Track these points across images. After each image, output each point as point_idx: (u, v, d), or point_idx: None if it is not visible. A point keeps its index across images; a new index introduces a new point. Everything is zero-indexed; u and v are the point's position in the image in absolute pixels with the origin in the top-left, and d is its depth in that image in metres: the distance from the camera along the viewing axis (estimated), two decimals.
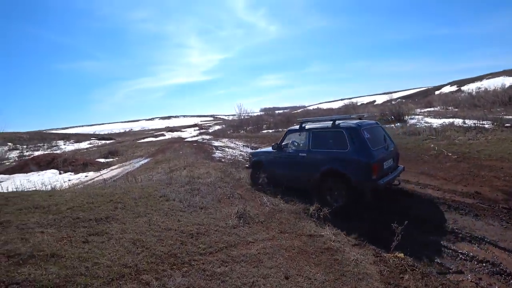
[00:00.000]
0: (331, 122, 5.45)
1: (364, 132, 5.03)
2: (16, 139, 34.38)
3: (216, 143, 20.55)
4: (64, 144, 36.05)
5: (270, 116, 38.33)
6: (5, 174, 19.88)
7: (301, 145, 5.98)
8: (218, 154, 14.85)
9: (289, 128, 6.50)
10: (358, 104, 41.87)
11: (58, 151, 30.75)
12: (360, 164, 4.78)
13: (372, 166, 4.67)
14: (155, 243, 3.55)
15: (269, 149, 6.66)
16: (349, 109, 32.37)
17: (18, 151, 31.65)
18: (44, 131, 51.47)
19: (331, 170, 5.15)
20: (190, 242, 3.72)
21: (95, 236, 3.61)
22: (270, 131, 28.67)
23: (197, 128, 53.56)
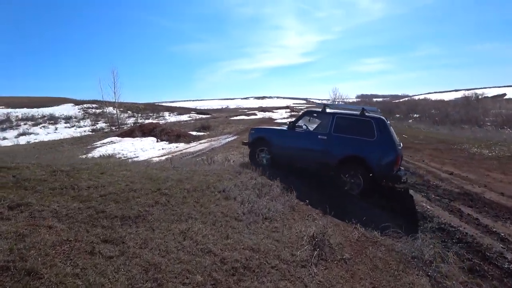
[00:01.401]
0: (360, 110, 5.55)
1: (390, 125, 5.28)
2: (134, 108, 40.08)
3: None
4: (169, 116, 40.30)
5: (367, 104, 34.05)
6: (118, 137, 22.97)
7: (320, 128, 6.01)
8: None
9: (308, 109, 6.49)
10: (482, 96, 32.81)
11: (163, 121, 34.50)
12: (386, 154, 5.03)
13: (397, 158, 4.95)
14: (174, 278, 2.30)
15: (277, 127, 6.79)
16: (472, 103, 25.46)
17: (134, 118, 36.64)
18: (155, 103, 59.20)
19: (352, 157, 5.28)
20: (227, 286, 2.34)
21: (107, 244, 2.60)
22: None
23: (288, 110, 52.48)
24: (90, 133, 29.83)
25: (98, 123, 34.74)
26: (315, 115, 6.25)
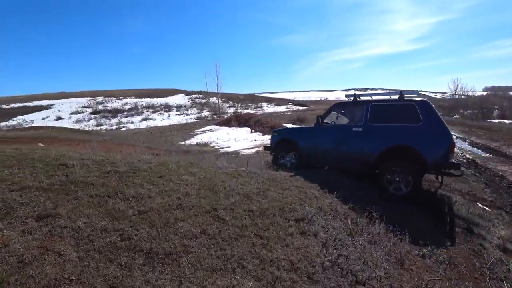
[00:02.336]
0: (398, 95, 4.88)
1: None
2: (234, 98, 42.21)
3: None
4: (267, 106, 40.80)
5: (502, 99, 26.10)
6: (217, 125, 24.20)
7: (353, 120, 5.34)
8: None
9: (336, 102, 5.76)
10: None
11: (260, 112, 35.07)
12: (438, 140, 4.31)
13: (451, 144, 4.24)
14: None
15: (302, 126, 6.92)
16: None
17: (234, 108, 38.56)
18: (255, 94, 61.13)
19: (397, 147, 4.55)
20: None
21: None
22: (506, 121, 19.03)
23: None
24: (195, 120, 32.72)
25: (203, 112, 38.04)
26: (345, 107, 5.65)
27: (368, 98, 5.27)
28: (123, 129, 31.13)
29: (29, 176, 3.18)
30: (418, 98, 4.72)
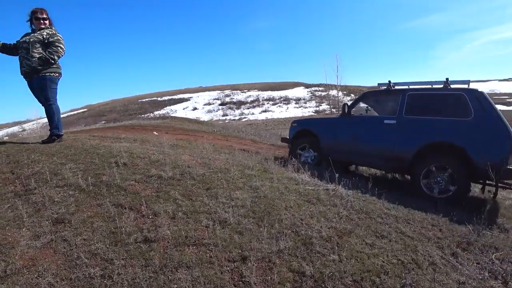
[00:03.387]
0: (442, 83, 4.13)
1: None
2: (356, 91, 38.68)
3: None
4: None
5: None
6: None
7: (386, 110, 4.53)
8: None
9: (367, 91, 5.29)
10: None
11: None
12: (495, 139, 3.47)
13: None
14: None
15: (326, 117, 7.00)
16: None
17: None
18: None
19: (439, 145, 3.78)
20: None
21: None
22: None
23: None
24: (313, 113, 31.70)
25: (321, 105, 36.60)
26: (377, 97, 4.96)
27: (405, 87, 4.49)
28: (243, 119, 33.50)
29: (79, 172, 2.98)
30: (469, 87, 4.04)
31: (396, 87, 4.55)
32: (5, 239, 2.20)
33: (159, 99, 46.15)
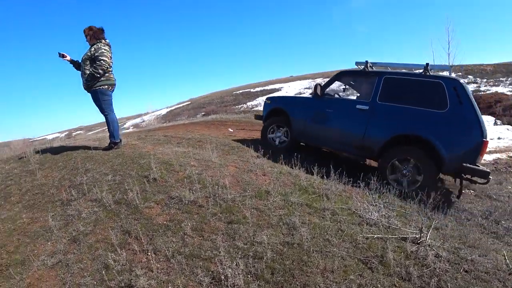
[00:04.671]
0: (422, 68, 3.73)
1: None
2: (476, 71, 31.21)
3: None
4: None
5: None
6: None
7: (361, 94, 4.51)
8: None
9: (341, 71, 4.71)
10: None
11: None
12: (466, 134, 3.29)
13: (483, 144, 3.21)
14: None
15: (301, 96, 5.64)
16: None
17: (475, 85, 28.74)
18: None
19: (407, 137, 3.54)
20: None
21: None
22: None
23: None
24: None
25: None
26: (354, 78, 4.65)
27: (383, 69, 4.17)
28: None
29: (113, 185, 2.94)
30: (449, 75, 3.92)
31: (375, 68, 4.22)
32: (32, 251, 2.26)
33: (252, 90, 48.09)
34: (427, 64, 3.69)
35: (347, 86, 5.09)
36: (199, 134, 6.52)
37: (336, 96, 4.99)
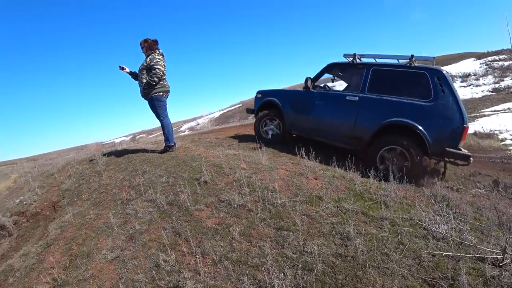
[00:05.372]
0: (408, 59, 3.85)
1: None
2: None
3: None
4: None
5: None
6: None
7: (350, 85, 4.75)
8: None
9: (332, 62, 4.60)
10: None
11: None
12: (448, 121, 3.47)
13: (464, 129, 3.45)
14: None
15: (291, 89, 5.36)
16: None
17: None
18: None
19: (394, 126, 3.68)
20: None
21: None
22: None
23: None
24: (488, 93, 23.83)
25: (504, 80, 26.67)
26: (343, 70, 4.67)
27: (371, 60, 4.23)
28: None
29: (166, 187, 3.04)
30: (433, 67, 3.78)
31: (363, 60, 4.28)
32: (96, 245, 2.45)
33: None
34: (412, 55, 3.81)
35: (336, 78, 5.14)
36: (250, 136, 6.54)
37: (327, 88, 5.04)
